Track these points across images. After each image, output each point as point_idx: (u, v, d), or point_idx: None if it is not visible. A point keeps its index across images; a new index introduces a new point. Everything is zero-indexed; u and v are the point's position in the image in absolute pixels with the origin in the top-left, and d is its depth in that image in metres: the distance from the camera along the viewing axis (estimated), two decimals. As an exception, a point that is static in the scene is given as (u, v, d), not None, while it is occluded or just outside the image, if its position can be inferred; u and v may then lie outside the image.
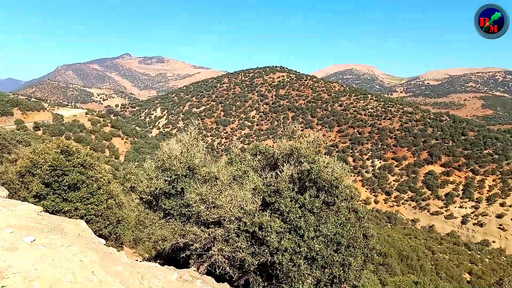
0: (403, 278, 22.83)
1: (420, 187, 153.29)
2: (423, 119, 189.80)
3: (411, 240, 79.74)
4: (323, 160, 11.92)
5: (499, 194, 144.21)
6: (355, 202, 12.84)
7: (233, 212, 10.27)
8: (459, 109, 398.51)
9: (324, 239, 10.87)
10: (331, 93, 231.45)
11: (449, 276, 63.43)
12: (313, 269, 10.67)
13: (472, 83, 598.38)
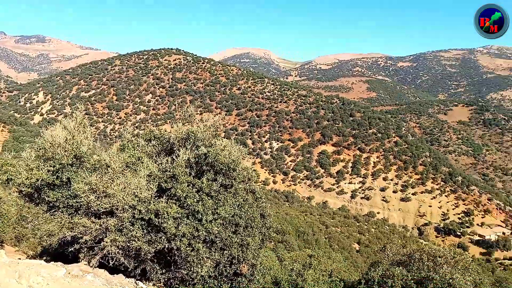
0: (299, 253, 24.38)
1: (314, 166, 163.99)
2: (316, 101, 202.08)
3: (307, 217, 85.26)
4: (220, 143, 12.01)
5: (382, 170, 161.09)
6: (252, 183, 13.23)
7: (127, 200, 9.89)
8: (347, 92, 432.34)
9: (222, 221, 11.03)
10: (229, 76, 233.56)
11: (340, 247, 69.46)
12: (212, 252, 10.80)
13: (358, 67, 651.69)
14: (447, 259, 24.56)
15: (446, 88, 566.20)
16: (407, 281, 22.02)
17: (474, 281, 24.61)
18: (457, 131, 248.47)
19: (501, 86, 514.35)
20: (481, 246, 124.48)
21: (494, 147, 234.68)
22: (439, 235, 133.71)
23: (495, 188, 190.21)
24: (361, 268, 41.20)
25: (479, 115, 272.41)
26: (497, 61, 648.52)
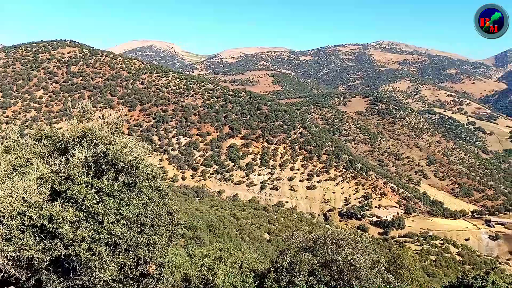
0: (209, 247, 24.52)
1: (224, 160, 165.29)
2: (224, 95, 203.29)
3: (218, 211, 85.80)
4: (121, 140, 11.54)
5: (289, 160, 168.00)
6: (157, 180, 12.93)
7: (15, 206, 9.07)
8: (254, 86, 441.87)
9: (126, 222, 10.66)
10: (131, 70, 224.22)
11: (252, 238, 71.21)
12: (116, 255, 10.40)
13: (264, 61, 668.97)
14: (348, 241, 26.49)
15: (345, 80, 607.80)
16: (313, 265, 23.41)
17: (372, 259, 26.92)
18: (356, 121, 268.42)
19: (392, 79, 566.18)
20: (379, 227, 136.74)
21: (387, 135, 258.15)
22: (342, 219, 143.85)
23: (389, 172, 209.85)
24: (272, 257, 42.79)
25: (374, 105, 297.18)
26: (388, 55, 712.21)
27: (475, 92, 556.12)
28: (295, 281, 21.91)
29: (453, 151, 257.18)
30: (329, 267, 23.93)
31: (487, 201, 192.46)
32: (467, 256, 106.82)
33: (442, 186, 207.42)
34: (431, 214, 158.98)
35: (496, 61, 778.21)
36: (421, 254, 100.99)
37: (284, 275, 22.07)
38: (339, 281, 23.97)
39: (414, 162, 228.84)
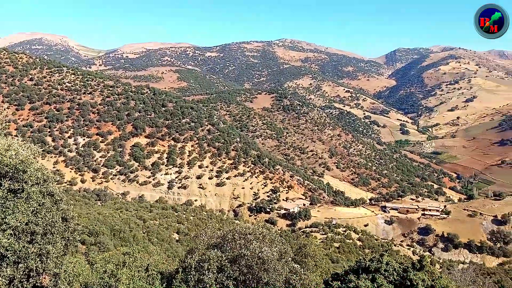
0: (112, 252, 23.56)
1: (127, 160, 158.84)
2: (125, 92, 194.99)
3: (123, 213, 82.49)
4: (4, 143, 10.63)
5: (197, 158, 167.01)
6: (49, 184, 12.11)
7: None
8: (158, 82, 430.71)
9: (14, 231, 9.88)
10: (18, 65, 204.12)
11: (160, 239, 69.68)
12: (3, 268, 9.59)
13: (168, 57, 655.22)
14: (256, 235, 27.30)
15: (251, 77, 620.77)
16: (222, 262, 23.72)
17: (280, 251, 28.03)
18: (262, 117, 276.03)
19: (296, 76, 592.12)
20: (287, 219, 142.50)
21: (292, 130, 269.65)
22: (252, 214, 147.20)
23: (295, 165, 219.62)
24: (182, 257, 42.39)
25: (279, 102, 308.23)
26: (291, 53, 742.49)
27: (369, 88, 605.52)
28: (204, 279, 22.02)
29: (352, 144, 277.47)
30: (238, 262, 24.45)
31: (382, 189, 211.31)
32: (366, 240, 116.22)
33: (344, 177, 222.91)
34: (334, 203, 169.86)
35: (386, 60, 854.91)
36: (326, 242, 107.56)
37: (193, 274, 22.06)
38: (248, 275, 24.63)
39: (317, 155, 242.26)
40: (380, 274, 23.42)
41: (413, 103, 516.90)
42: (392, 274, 23.96)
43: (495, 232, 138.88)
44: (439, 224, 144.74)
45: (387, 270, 23.88)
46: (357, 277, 23.44)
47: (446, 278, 26.42)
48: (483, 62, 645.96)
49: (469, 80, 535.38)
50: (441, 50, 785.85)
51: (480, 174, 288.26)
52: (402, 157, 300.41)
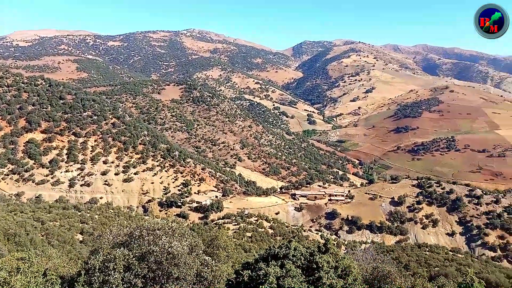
0: (4, 259, 21.37)
1: (21, 158, 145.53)
2: (16, 84, 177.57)
3: (18, 216, 75.71)
4: None
5: (102, 153, 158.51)
6: None
7: None
8: (54, 72, 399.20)
9: None
10: None
11: (61, 241, 65.10)
12: None
13: (65, 45, 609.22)
14: (165, 230, 26.65)
15: (158, 68, 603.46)
16: (129, 260, 22.77)
17: (190, 244, 27.68)
18: (171, 109, 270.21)
19: (205, 67, 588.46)
20: (199, 212, 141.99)
21: (203, 122, 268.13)
22: (162, 209, 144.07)
23: (207, 158, 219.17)
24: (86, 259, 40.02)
25: (188, 93, 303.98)
26: (200, 43, 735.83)
27: (278, 80, 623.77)
28: (109, 280, 20.99)
29: (263, 134, 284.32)
30: (147, 259, 23.72)
31: (292, 177, 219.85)
32: (277, 228, 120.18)
33: (255, 167, 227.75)
34: (247, 193, 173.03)
35: (293, 52, 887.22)
36: (239, 232, 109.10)
37: (97, 276, 20.93)
38: (158, 272, 24.01)
39: (229, 146, 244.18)
40: (288, 260, 24.27)
41: (319, 94, 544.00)
42: (300, 258, 24.98)
43: (392, 212, 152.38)
44: (344, 208, 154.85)
45: (295, 255, 24.83)
46: (267, 265, 24.06)
47: (349, 259, 28.15)
48: (380, 56, 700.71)
49: (368, 72, 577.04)
50: (343, 44, 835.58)
51: (379, 159, 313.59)
52: (309, 146, 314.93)
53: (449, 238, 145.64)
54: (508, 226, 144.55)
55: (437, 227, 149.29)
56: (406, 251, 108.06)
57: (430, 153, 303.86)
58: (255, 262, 25.31)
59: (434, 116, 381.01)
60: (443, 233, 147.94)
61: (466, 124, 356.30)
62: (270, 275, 22.15)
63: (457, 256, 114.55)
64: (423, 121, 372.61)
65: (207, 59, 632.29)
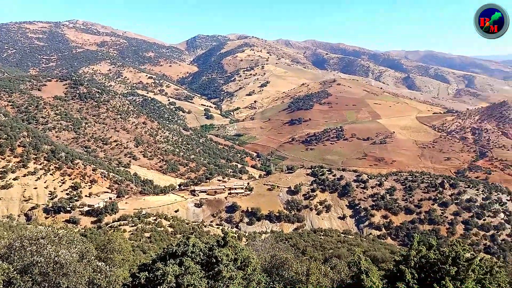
0: None
1: None
2: None
3: None
4: None
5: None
6: None
7: None
8: None
9: None
10: None
11: None
12: None
13: None
14: (51, 238, 24.51)
15: (37, 62, 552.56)
16: (9, 274, 20.54)
17: (81, 251, 25.88)
18: (55, 107, 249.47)
19: (92, 61, 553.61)
20: (92, 215, 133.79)
21: (92, 119, 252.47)
22: (48, 215, 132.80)
23: (98, 158, 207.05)
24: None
25: (74, 89, 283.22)
26: (85, 36, 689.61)
27: (172, 74, 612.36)
28: (-15, 298, 18.87)
29: (159, 131, 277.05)
30: (30, 271, 21.63)
31: (191, 173, 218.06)
32: (177, 226, 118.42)
33: (152, 165, 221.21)
34: (143, 193, 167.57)
35: (187, 46, 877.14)
36: (136, 233, 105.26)
37: (-30, 295, 18.64)
38: (44, 284, 22.06)
39: (122, 145, 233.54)
40: (187, 257, 24.06)
41: (215, 89, 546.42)
42: (199, 254, 24.94)
43: (290, 201, 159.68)
44: (244, 200, 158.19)
45: (193, 251, 24.73)
46: (164, 264, 23.55)
47: (248, 250, 28.80)
48: (273, 51, 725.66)
49: (263, 66, 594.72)
50: (237, 38, 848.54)
51: (276, 151, 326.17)
52: (208, 141, 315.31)
53: (341, 221, 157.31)
54: (390, 206, 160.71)
55: (330, 212, 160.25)
56: (303, 237, 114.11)
57: (322, 143, 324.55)
58: (152, 262, 24.64)
59: (324, 108, 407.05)
60: (336, 217, 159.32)
61: (352, 115, 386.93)
62: (169, 274, 21.95)
63: (348, 237, 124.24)
64: (315, 113, 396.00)
65: (94, 52, 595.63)
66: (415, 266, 22.26)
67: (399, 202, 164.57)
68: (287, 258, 31.00)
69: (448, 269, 21.28)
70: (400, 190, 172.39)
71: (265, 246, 44.34)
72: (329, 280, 29.09)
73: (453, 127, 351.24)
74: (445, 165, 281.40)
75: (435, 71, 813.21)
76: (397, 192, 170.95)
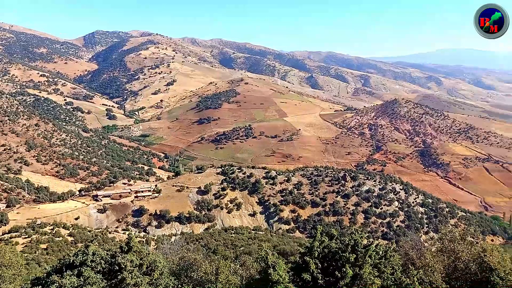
0: None
1: None
2: None
3: None
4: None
5: None
6: None
7: None
8: None
9: None
10: None
11: None
12: None
13: None
14: None
15: None
16: None
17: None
18: None
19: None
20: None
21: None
22: None
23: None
24: None
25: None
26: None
27: (69, 72, 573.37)
28: None
29: (54, 133, 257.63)
30: None
31: (93, 177, 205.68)
32: (78, 234, 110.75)
33: (47, 171, 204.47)
34: (38, 201, 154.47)
35: (85, 42, 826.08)
36: (31, 245, 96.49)
37: None
38: None
39: (12, 149, 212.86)
40: (86, 267, 22.38)
41: (118, 88, 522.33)
42: (100, 263, 23.33)
43: (200, 201, 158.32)
44: (151, 203, 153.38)
45: (94, 260, 23.08)
46: (61, 276, 21.60)
47: (154, 254, 27.62)
48: (179, 48, 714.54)
49: (168, 65, 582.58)
50: (140, 35, 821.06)
51: (185, 151, 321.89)
52: (111, 142, 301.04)
53: (251, 218, 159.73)
54: (298, 201, 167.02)
55: (241, 210, 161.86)
56: (214, 236, 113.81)
57: (232, 141, 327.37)
58: (47, 275, 22.77)
59: (233, 106, 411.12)
60: (246, 214, 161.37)
61: (260, 113, 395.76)
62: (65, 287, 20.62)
63: (259, 233, 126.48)
64: (224, 111, 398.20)
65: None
66: (318, 256, 23.29)
67: (306, 196, 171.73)
68: (196, 259, 30.57)
69: (348, 257, 22.69)
70: (307, 185, 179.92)
71: (173, 249, 43.20)
72: (239, 277, 29.10)
73: (352, 123, 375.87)
74: (347, 159, 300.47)
75: (335, 71, 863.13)
76: (304, 187, 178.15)
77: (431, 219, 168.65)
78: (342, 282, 22.00)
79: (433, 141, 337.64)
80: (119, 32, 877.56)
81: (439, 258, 27.47)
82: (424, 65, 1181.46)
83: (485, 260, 24.79)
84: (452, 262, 26.91)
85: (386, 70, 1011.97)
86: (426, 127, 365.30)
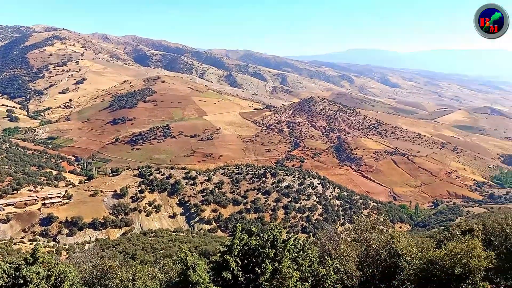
0: None
1: None
2: None
3: None
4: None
5: None
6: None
7: None
8: None
9: None
10: None
11: None
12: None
13: None
14: None
15: None
16: None
17: None
18: None
19: None
20: None
21: None
22: None
23: None
24: None
25: None
26: None
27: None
28: None
29: None
30: None
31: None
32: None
33: None
34: None
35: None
36: None
37: None
38: None
39: None
40: (-15, 283, 20.52)
41: (20, 87, 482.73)
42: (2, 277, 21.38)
43: (116, 205, 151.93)
44: (61, 210, 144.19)
45: (-10, 276, 21.14)
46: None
47: (64, 264, 25.77)
48: (88, 45, 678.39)
49: (77, 62, 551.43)
50: (44, 30, 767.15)
51: (98, 153, 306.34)
52: (13, 146, 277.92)
53: (172, 220, 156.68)
54: (219, 200, 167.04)
55: (160, 212, 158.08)
56: (132, 241, 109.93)
57: (149, 142, 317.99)
58: None
59: (149, 106, 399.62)
60: (166, 216, 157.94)
61: (179, 112, 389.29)
62: None
63: (179, 235, 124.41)
64: (139, 111, 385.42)
65: None
66: (238, 254, 23.52)
67: (228, 195, 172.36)
68: (110, 266, 29.22)
69: (267, 252, 23.14)
70: (228, 183, 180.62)
71: (86, 257, 40.81)
72: (157, 281, 28.32)
73: (271, 121, 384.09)
74: (267, 156, 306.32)
75: (253, 69, 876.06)
76: (225, 186, 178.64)
77: (346, 211, 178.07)
78: (262, 277, 22.29)
79: (347, 136, 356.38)
80: (20, 27, 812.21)
81: (353, 247, 28.86)
82: (337, 64, 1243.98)
83: (393, 247, 26.48)
84: (364, 250, 28.45)
85: (302, 69, 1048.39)
86: (340, 123, 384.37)
